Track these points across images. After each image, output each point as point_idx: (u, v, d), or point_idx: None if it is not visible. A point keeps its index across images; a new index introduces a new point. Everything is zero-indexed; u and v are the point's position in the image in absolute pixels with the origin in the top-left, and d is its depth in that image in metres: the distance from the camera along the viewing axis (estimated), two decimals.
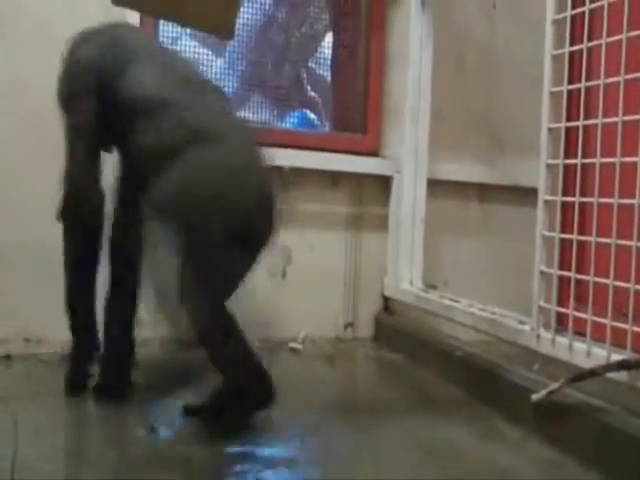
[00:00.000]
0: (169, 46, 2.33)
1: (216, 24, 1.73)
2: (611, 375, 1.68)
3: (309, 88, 3.82)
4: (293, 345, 2.80)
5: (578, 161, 1.83)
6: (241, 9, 2.94)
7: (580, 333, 1.80)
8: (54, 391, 2.04)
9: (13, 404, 1.90)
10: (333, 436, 1.90)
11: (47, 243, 2.46)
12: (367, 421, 2.01)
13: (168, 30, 2.91)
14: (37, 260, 2.51)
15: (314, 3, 3.46)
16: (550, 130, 1.94)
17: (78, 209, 2.01)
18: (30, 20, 2.56)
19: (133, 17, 2.61)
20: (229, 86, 3.31)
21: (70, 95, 2.03)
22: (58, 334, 2.43)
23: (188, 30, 2.83)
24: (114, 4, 1.79)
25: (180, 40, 3.21)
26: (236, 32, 2.41)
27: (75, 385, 2.04)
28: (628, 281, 1.65)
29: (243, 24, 3.15)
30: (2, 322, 2.45)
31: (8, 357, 2.38)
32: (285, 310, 2.90)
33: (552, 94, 1.94)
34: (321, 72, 3.76)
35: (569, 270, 1.85)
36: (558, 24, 1.93)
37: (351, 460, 1.75)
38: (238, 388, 1.82)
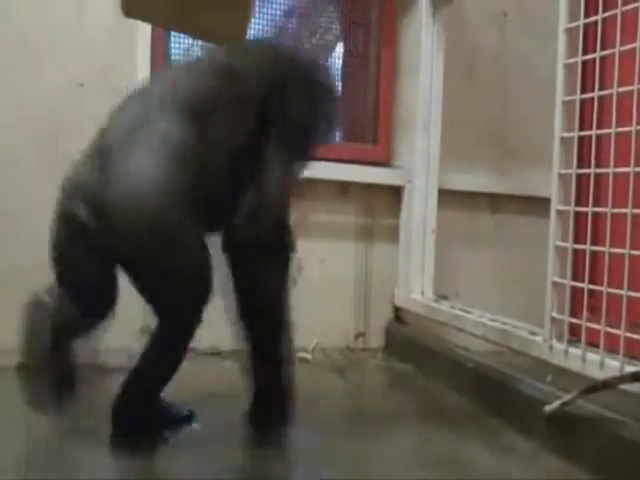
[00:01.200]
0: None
1: (227, 35, 1.73)
2: (624, 387, 1.66)
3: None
4: (303, 355, 2.79)
5: (591, 171, 1.82)
6: (252, 20, 2.95)
7: (593, 344, 1.78)
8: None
9: (25, 414, 1.90)
10: (342, 446, 1.89)
11: None
12: (376, 432, 2.00)
13: (179, 42, 2.92)
14: (48, 270, 2.51)
15: (325, 14, 3.47)
16: (563, 139, 1.93)
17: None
18: (43, 37, 2.57)
19: (144, 29, 2.63)
20: None
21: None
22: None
23: (199, 42, 2.84)
24: (126, 16, 1.79)
25: (191, 51, 3.21)
26: None
27: None
28: None
29: (254, 35, 3.15)
30: (14, 331, 2.45)
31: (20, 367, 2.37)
32: (296, 320, 2.89)
33: (565, 103, 1.93)
34: None
35: (582, 281, 1.84)
36: (570, 33, 1.92)
37: (359, 471, 1.74)
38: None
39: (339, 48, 3.50)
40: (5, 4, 2.52)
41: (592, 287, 1.81)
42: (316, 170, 2.89)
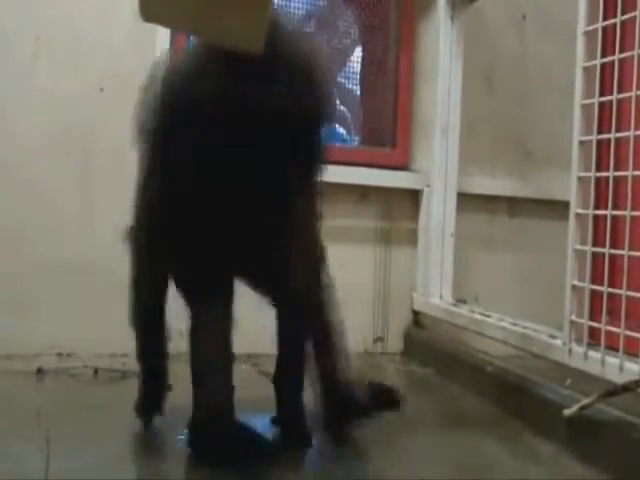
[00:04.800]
0: None
1: (245, 39, 1.74)
2: None
3: (338, 102, 3.83)
4: None
5: (610, 174, 1.81)
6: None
7: (613, 348, 1.77)
8: (85, 405, 2.06)
9: (45, 418, 1.91)
10: (362, 450, 1.89)
11: (81, 260, 2.50)
12: (396, 435, 1.99)
13: None
14: (68, 276, 2.53)
15: (343, 17, 3.47)
16: (581, 143, 1.92)
17: None
18: (65, 38, 2.60)
19: (164, 34, 2.64)
20: None
21: None
22: (89, 349, 2.46)
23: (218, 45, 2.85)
24: (145, 21, 1.79)
25: None
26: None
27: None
28: None
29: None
30: (34, 336, 2.47)
31: (40, 371, 2.39)
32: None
33: (583, 106, 1.92)
34: (350, 86, 3.76)
35: (601, 284, 1.83)
36: (589, 35, 1.91)
37: (379, 474, 1.74)
38: None
39: (357, 52, 3.51)
40: (27, 10, 2.55)
41: (611, 290, 1.81)
42: (335, 174, 2.91)
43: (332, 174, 2.86)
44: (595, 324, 1.85)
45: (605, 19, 1.87)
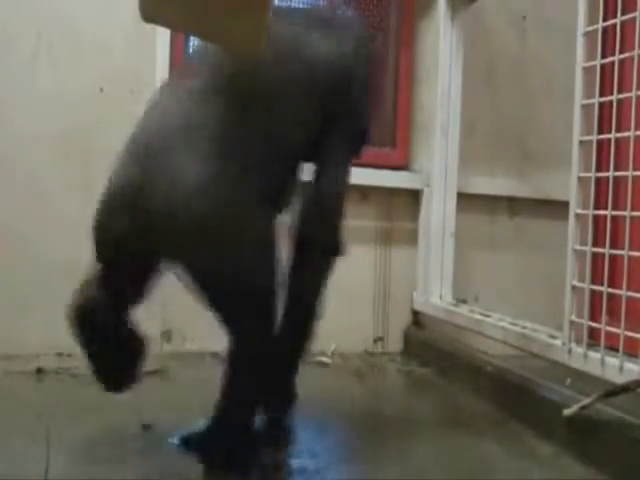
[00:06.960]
0: None
1: (245, 41, 1.74)
2: None
3: None
4: (322, 359, 2.79)
5: (610, 174, 1.82)
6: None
7: (612, 348, 1.77)
8: (85, 406, 2.06)
9: (45, 418, 1.91)
10: (363, 450, 1.89)
11: (81, 260, 2.49)
12: (396, 435, 2.00)
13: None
14: (68, 276, 2.53)
15: None
16: (581, 143, 1.92)
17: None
18: (65, 38, 2.60)
19: (164, 34, 2.65)
20: None
21: None
22: None
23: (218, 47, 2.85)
24: (145, 21, 1.79)
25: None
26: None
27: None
28: None
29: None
30: (34, 336, 2.47)
31: (40, 371, 2.39)
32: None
33: (583, 106, 1.92)
34: None
35: (601, 284, 1.83)
36: (589, 36, 1.91)
37: (379, 474, 1.74)
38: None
39: None
40: (28, 9, 2.55)
41: (611, 290, 1.81)
42: None
43: None
44: (595, 324, 1.85)
45: (605, 20, 1.87)
